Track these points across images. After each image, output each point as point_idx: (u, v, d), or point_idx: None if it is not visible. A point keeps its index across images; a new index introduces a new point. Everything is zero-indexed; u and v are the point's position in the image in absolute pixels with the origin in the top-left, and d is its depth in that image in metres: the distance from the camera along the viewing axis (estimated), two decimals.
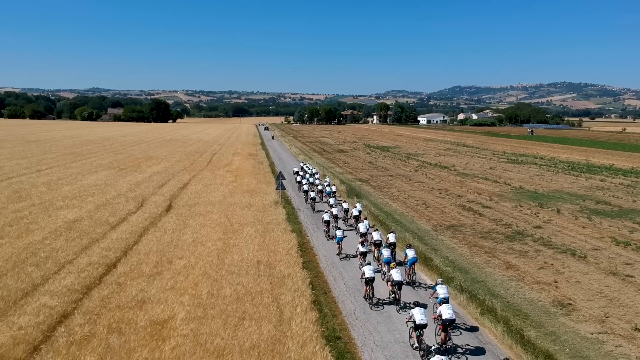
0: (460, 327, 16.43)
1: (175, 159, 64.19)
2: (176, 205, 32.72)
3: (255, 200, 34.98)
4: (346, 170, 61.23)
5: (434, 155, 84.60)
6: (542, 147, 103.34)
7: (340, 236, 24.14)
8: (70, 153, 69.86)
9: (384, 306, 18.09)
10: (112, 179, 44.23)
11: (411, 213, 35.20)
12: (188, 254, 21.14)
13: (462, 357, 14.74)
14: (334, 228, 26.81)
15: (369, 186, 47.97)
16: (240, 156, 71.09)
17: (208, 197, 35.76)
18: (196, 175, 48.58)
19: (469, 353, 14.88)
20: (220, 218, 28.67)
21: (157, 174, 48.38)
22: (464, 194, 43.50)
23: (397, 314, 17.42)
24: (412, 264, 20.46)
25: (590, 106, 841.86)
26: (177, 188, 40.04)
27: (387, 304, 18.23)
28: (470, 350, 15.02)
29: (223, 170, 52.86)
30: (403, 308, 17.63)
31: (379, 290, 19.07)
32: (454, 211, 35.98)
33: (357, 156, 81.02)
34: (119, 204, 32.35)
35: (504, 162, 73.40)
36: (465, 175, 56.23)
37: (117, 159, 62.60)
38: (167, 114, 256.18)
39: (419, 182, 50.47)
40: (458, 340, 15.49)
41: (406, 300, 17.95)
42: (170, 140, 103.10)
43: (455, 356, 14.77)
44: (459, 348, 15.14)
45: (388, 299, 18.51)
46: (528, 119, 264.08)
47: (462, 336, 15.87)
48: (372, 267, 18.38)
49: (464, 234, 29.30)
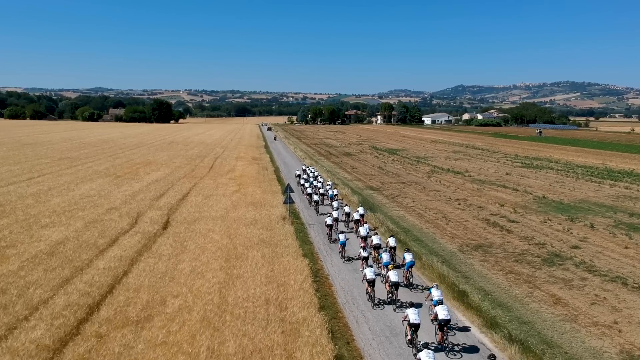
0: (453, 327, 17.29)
1: (175, 165, 61.15)
2: (174, 222, 29.66)
3: (261, 215, 31.90)
4: (355, 176, 58.12)
5: (444, 158, 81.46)
6: (555, 150, 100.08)
7: (343, 240, 25.08)
8: (66, 158, 66.91)
9: (384, 306, 19.20)
10: (106, 189, 41.20)
11: (432, 229, 32.09)
12: (185, 289, 18.06)
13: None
14: (336, 231, 27.98)
15: (382, 195, 44.87)
16: (243, 161, 68.04)
17: (209, 211, 32.70)
18: (197, 184, 45.55)
19: None
20: (223, 239, 25.60)
21: (155, 183, 45.35)
22: (485, 205, 40.37)
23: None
24: (410, 267, 21.49)
25: (593, 105, 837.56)
26: (176, 200, 36.98)
27: (386, 304, 19.36)
28: None
29: (226, 178, 49.80)
30: (400, 307, 18.90)
31: (379, 291, 19.86)
32: (478, 226, 32.86)
33: (365, 160, 77.91)
34: (111, 220, 29.30)
35: (518, 166, 70.24)
36: (482, 183, 53.10)
37: (114, 165, 59.60)
38: (169, 114, 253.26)
39: (434, 191, 47.34)
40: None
41: (403, 300, 19.45)
42: (171, 143, 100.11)
43: (451, 353, 15.71)
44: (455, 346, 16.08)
45: (387, 299, 19.58)
46: (534, 119, 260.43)
47: None
48: (373, 270, 19.50)
49: (495, 256, 26.18)
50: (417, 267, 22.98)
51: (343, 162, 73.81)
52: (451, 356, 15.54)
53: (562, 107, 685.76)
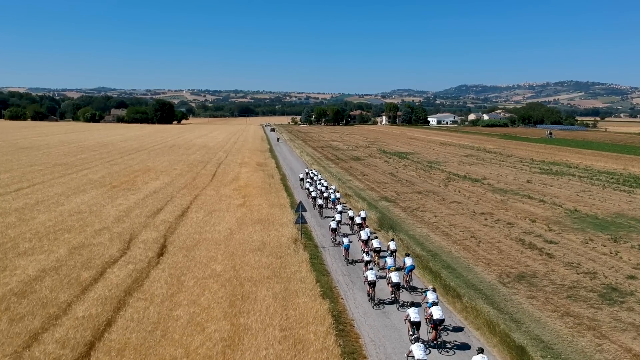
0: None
1: (175, 172, 57.59)
2: (171, 246, 26.07)
3: (269, 237, 28.29)
4: (367, 185, 54.47)
5: (457, 163, 77.77)
6: (571, 154, 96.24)
7: (347, 243, 26.03)
8: (62, 164, 63.45)
9: (385, 306, 20.27)
10: (99, 203, 37.65)
11: (462, 252, 28.45)
12: (180, 351, 14.44)
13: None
14: (340, 235, 29.88)
15: (399, 208, 41.22)
16: (248, 167, 64.45)
17: (211, 232, 29.11)
18: (198, 196, 41.99)
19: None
20: (226, 271, 22.01)
21: (153, 194, 41.80)
22: (514, 221, 36.71)
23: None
24: (410, 270, 22.66)
25: (598, 105, 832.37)
26: (175, 216, 33.40)
27: (387, 304, 20.45)
28: None
29: (229, 188, 46.22)
30: (402, 306, 20.01)
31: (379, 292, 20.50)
32: (513, 249, 29.20)
33: (375, 165, 74.25)
34: (100, 245, 25.74)
35: (537, 172, 66.51)
36: (504, 192, 49.42)
37: (111, 172, 56.08)
38: (171, 115, 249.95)
39: (455, 203, 43.68)
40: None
41: (405, 300, 20.68)
42: (172, 147, 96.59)
43: (444, 351, 16.73)
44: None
45: (389, 299, 20.78)
46: (542, 119, 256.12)
47: None
48: (374, 272, 20.75)
49: (542, 290, 22.51)
50: (458, 310, 19.45)
51: (352, 168, 70.18)
52: (444, 353, 16.69)
53: (566, 107, 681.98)
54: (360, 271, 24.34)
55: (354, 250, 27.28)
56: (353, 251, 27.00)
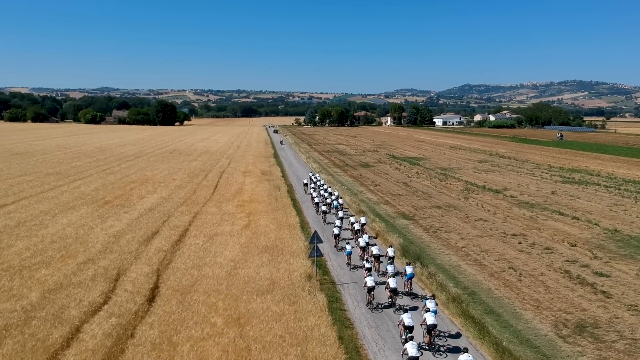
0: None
1: (175, 183, 53.70)
2: (164, 288, 22.12)
3: (279, 272, 24.35)
4: (381, 197, 50.48)
5: (472, 170, 73.74)
6: (588, 159, 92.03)
7: (349, 250, 27.48)
8: (54, 173, 59.65)
9: (383, 309, 21.59)
10: (88, 224, 33.75)
11: (503, 289, 24.47)
12: None
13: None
14: (341, 239, 31.50)
15: (420, 228, 37.23)
16: (252, 177, 60.53)
17: (211, 266, 25.17)
18: (198, 214, 38.07)
19: None
20: (229, 327, 18.08)
21: (148, 213, 37.89)
22: (552, 244, 32.72)
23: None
24: (410, 278, 23.68)
25: (602, 105, 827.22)
26: (171, 242, 29.47)
27: (385, 308, 21.80)
28: None
29: (232, 204, 42.30)
30: (398, 310, 21.50)
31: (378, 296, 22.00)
32: (561, 284, 25.21)
33: (386, 173, 70.24)
34: (81, 285, 21.85)
35: (559, 181, 62.44)
36: (531, 207, 45.42)
37: (105, 184, 52.23)
38: (173, 117, 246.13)
39: (481, 220, 39.68)
40: None
41: (403, 304, 22.21)
42: (172, 152, 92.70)
43: (437, 353, 17.94)
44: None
45: (386, 303, 22.13)
46: (549, 120, 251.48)
47: None
48: (373, 278, 22.01)
49: (613, 348, 18.53)
50: None
51: (362, 177, 66.18)
52: (437, 356, 17.87)
53: (570, 107, 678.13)
54: (388, 320, 20.45)
55: (356, 256, 28.82)
56: (355, 257, 28.64)
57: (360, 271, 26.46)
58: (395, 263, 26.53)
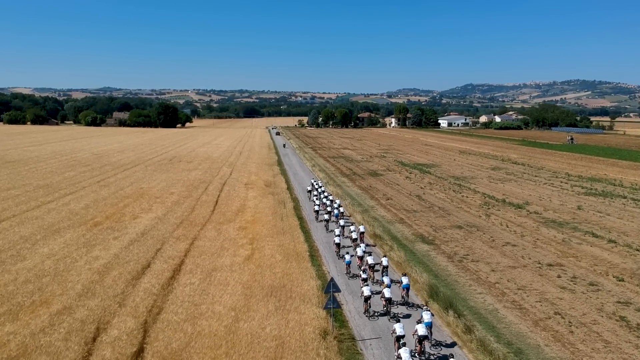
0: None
1: (172, 199, 49.89)
2: (150, 354, 18.20)
3: (288, 327, 20.47)
4: (394, 213, 46.61)
5: (487, 179, 69.90)
6: (605, 166, 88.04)
7: (348, 259, 28.68)
8: (44, 186, 55.93)
9: (378, 317, 22.77)
10: (71, 255, 29.94)
11: (553, 345, 20.61)
12: None
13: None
14: (342, 248, 32.50)
15: (443, 255, 33.32)
16: (255, 189, 56.68)
17: (208, 317, 21.27)
18: (196, 240, 34.24)
19: None
20: None
21: (140, 239, 34.07)
22: (595, 278, 28.84)
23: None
24: (405, 288, 24.54)
25: (605, 104, 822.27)
26: (162, 282, 25.61)
27: (380, 316, 22.96)
28: None
29: (234, 227, 38.45)
30: (393, 318, 22.37)
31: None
32: (621, 338, 21.33)
33: (397, 183, 66.35)
34: (49, 350, 18.04)
35: (582, 193, 58.56)
36: (560, 226, 41.57)
37: (97, 199, 48.48)
38: (175, 119, 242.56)
39: (509, 245, 35.78)
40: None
41: (397, 312, 23.47)
42: (172, 159, 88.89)
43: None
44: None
45: (381, 311, 23.21)
46: (556, 122, 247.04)
47: None
48: (369, 288, 23.39)
49: None
50: None
51: (372, 188, 62.29)
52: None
53: (573, 106, 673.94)
54: None
55: (355, 265, 29.78)
56: (355, 266, 29.64)
57: (382, 320, 22.62)
58: (391, 272, 28.06)
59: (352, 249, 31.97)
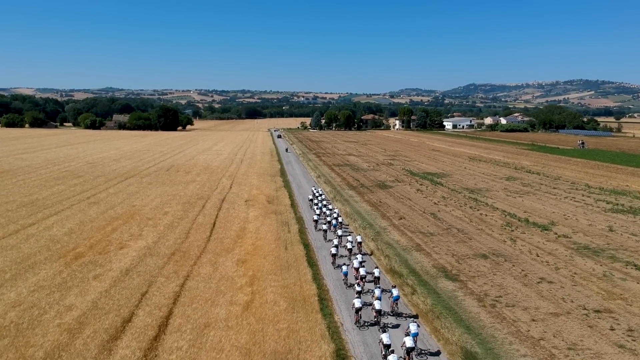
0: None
1: (166, 220, 45.62)
2: None
3: None
4: (409, 237, 42.22)
5: (503, 192, 65.58)
6: (626, 175, 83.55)
7: (345, 270, 30.02)
8: (29, 203, 51.77)
9: (369, 327, 23.95)
10: (41, 304, 25.64)
11: None
12: None
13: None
14: (339, 257, 34.19)
15: (471, 297, 28.94)
16: (256, 207, 52.37)
17: None
18: (188, 279, 29.95)
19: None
20: None
21: (124, 279, 29.77)
22: None
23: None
24: (395, 300, 26.10)
25: (609, 104, 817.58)
26: (143, 347, 21.25)
27: (370, 325, 24.24)
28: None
29: (232, 260, 34.11)
30: (382, 328, 22.82)
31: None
32: None
33: (408, 197, 61.95)
34: None
35: (608, 210, 54.26)
36: (596, 255, 37.28)
37: (84, 222, 44.27)
38: (175, 122, 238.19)
39: (545, 283, 31.44)
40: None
41: (387, 322, 24.65)
42: (170, 169, 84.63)
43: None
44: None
45: (371, 321, 24.54)
46: (563, 124, 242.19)
47: None
48: (360, 300, 24.61)
49: None
50: None
51: (382, 203, 57.89)
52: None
53: (577, 106, 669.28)
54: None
55: (352, 276, 30.94)
56: (352, 277, 30.75)
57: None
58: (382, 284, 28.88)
59: (348, 259, 34.28)
